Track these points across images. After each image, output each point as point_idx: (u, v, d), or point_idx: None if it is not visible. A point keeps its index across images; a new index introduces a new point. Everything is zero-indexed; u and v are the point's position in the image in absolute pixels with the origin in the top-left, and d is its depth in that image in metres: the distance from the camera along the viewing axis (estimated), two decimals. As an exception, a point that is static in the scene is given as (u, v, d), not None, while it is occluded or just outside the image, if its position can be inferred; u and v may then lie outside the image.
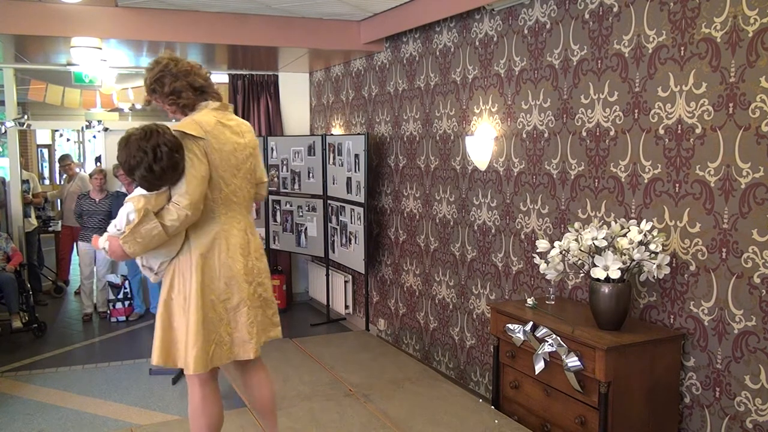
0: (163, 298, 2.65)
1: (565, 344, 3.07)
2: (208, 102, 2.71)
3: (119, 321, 6.97)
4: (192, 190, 2.49)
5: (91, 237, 6.82)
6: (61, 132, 14.67)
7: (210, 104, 2.70)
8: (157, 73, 2.63)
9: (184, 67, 2.66)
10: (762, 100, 2.68)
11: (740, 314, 2.82)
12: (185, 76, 2.64)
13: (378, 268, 6.14)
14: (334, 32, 5.67)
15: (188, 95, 2.65)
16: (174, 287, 2.63)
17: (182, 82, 2.63)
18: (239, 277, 2.65)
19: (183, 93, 2.64)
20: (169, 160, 2.45)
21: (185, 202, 2.48)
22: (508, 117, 4.25)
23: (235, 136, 2.70)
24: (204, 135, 2.56)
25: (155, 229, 2.45)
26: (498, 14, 4.31)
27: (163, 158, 2.43)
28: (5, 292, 6.16)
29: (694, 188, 3.00)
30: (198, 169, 2.52)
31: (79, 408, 4.71)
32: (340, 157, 6.08)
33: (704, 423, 3.00)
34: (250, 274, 2.70)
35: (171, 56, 2.68)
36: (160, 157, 2.43)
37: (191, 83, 2.66)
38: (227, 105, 2.77)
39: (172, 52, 2.76)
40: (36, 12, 4.84)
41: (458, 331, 4.91)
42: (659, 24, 3.14)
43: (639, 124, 3.28)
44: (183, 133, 2.54)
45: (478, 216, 4.60)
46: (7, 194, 7.19)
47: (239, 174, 2.69)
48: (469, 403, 3.77)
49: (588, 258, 3.07)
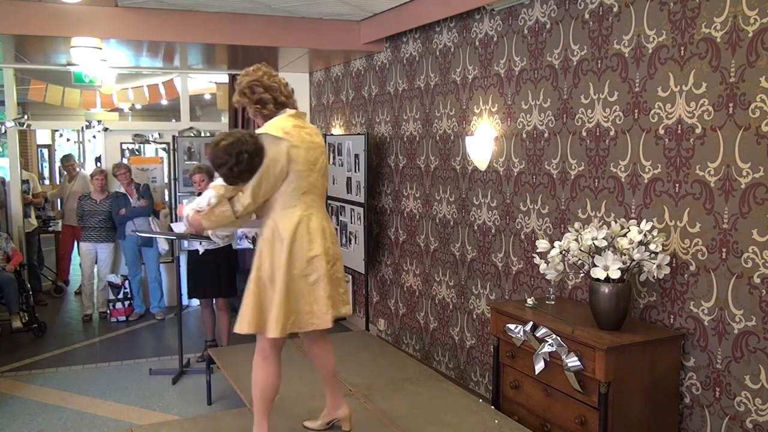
0: (253, 276, 3.04)
1: (565, 344, 3.07)
2: (286, 109, 3.11)
3: (119, 321, 6.97)
4: (257, 186, 2.94)
5: (90, 237, 6.90)
6: (61, 132, 14.66)
7: (288, 111, 3.10)
8: (250, 81, 3.04)
9: (274, 81, 3.09)
10: (762, 100, 2.68)
11: (740, 314, 2.82)
12: (273, 91, 3.06)
13: (378, 268, 6.14)
14: (334, 32, 5.67)
15: (270, 108, 3.07)
16: (263, 265, 3.02)
17: (269, 95, 3.05)
18: (319, 257, 3.02)
19: (267, 104, 3.06)
20: (248, 164, 2.91)
21: (249, 197, 2.95)
22: (508, 117, 4.25)
23: (309, 137, 3.09)
24: (284, 136, 2.94)
25: (227, 212, 3.00)
26: (498, 14, 4.31)
27: (244, 162, 2.89)
28: (5, 292, 6.16)
29: (694, 188, 3.00)
30: (272, 170, 2.94)
31: (79, 408, 4.71)
32: (340, 157, 6.08)
33: (704, 423, 3.00)
34: (327, 254, 3.07)
35: (268, 70, 3.09)
36: (241, 161, 2.89)
37: (275, 98, 3.08)
38: (303, 113, 3.19)
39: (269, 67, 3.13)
40: (36, 12, 4.84)
41: (458, 331, 4.91)
42: (659, 24, 3.14)
43: (639, 124, 3.28)
44: (267, 134, 2.95)
45: (478, 216, 4.61)
46: (7, 194, 7.19)
47: (315, 169, 3.07)
48: (469, 403, 3.77)
49: (588, 258, 3.07)
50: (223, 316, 5.55)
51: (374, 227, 6.14)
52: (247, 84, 3.04)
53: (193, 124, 7.60)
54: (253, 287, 3.05)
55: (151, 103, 8.58)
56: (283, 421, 3.50)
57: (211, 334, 5.62)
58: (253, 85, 3.03)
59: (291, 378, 4.20)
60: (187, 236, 5.12)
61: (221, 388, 4.84)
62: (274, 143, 2.94)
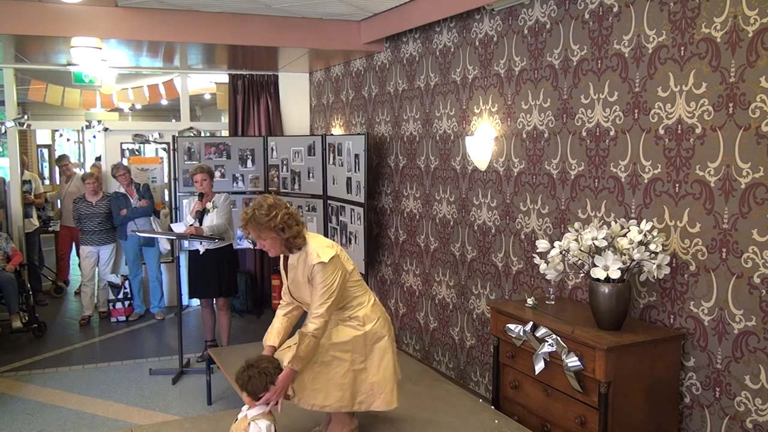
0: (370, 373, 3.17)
1: (565, 344, 3.07)
2: (303, 229, 3.13)
3: (119, 321, 6.97)
4: (332, 306, 3.03)
5: (92, 240, 6.88)
6: (61, 132, 14.66)
7: (304, 230, 3.12)
8: (284, 215, 2.99)
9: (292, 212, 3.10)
10: (762, 100, 2.68)
11: (740, 314, 2.82)
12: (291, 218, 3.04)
13: (378, 268, 6.14)
14: (334, 32, 5.67)
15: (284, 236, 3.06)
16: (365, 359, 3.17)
17: (293, 221, 3.04)
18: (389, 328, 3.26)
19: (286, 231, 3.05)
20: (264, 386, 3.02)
21: (326, 315, 3.02)
22: (508, 117, 4.25)
23: None
24: (333, 250, 3.04)
25: (311, 342, 3.01)
26: (498, 14, 4.31)
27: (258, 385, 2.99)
28: (5, 292, 6.16)
29: (694, 188, 3.00)
30: (339, 281, 3.02)
31: (79, 408, 4.71)
32: (340, 157, 6.07)
33: (704, 423, 3.00)
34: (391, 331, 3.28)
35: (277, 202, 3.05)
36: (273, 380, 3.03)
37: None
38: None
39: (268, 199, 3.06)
40: (36, 12, 4.84)
41: (458, 331, 4.91)
42: (659, 24, 3.14)
43: (639, 124, 3.28)
44: (325, 263, 2.98)
45: (478, 216, 4.61)
46: (8, 194, 7.18)
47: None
48: (469, 403, 3.77)
49: (588, 258, 3.07)
50: (223, 316, 5.54)
51: (374, 227, 6.14)
52: (282, 219, 2.97)
53: (193, 124, 7.60)
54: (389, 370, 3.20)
55: (151, 103, 8.57)
56: (282, 421, 3.50)
57: (211, 334, 5.62)
58: (289, 219, 3.01)
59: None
60: (187, 236, 5.12)
61: (221, 388, 4.84)
62: (335, 261, 3.01)
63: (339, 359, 3.11)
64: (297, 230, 3.02)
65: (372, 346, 3.16)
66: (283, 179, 6.80)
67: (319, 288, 2.99)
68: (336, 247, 3.12)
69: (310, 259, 3.01)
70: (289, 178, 6.76)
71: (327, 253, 3.01)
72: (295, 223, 3.02)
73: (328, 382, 3.10)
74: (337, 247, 3.13)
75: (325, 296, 2.99)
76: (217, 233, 5.22)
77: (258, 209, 2.96)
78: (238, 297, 7.12)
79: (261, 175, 6.85)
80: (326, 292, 2.99)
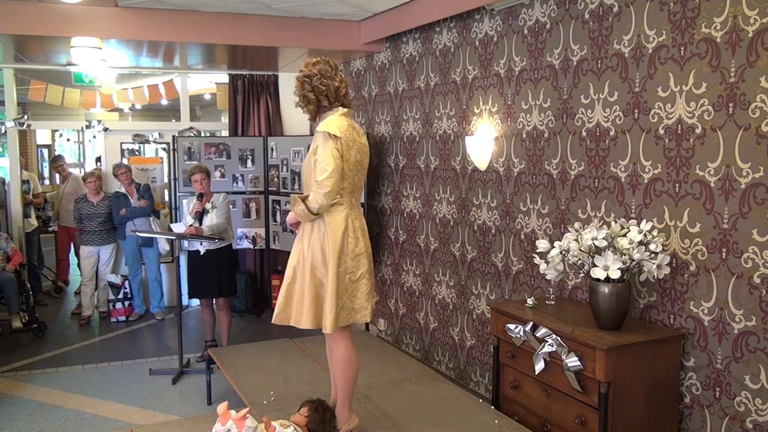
0: (305, 270, 3.12)
1: (565, 344, 3.07)
2: (339, 108, 3.17)
3: (119, 321, 6.97)
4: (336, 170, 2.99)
5: (92, 240, 6.88)
6: (61, 132, 14.66)
7: (341, 109, 3.16)
8: (303, 76, 3.13)
9: (323, 85, 3.13)
10: (762, 100, 2.68)
11: (740, 314, 2.82)
12: (319, 93, 3.13)
13: (378, 268, 6.14)
14: (334, 32, 5.67)
15: (311, 108, 3.17)
16: (315, 261, 3.10)
17: (314, 96, 3.13)
18: (363, 254, 3.15)
19: (309, 105, 3.16)
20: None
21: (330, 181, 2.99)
22: (508, 117, 4.25)
23: (359, 137, 3.17)
24: (341, 135, 3.02)
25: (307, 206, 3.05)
26: (498, 14, 4.31)
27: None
28: (5, 292, 6.16)
29: (694, 188, 3.00)
30: (337, 161, 2.99)
31: (79, 408, 4.71)
32: (340, 157, 6.07)
33: (704, 423, 3.00)
34: (368, 252, 3.19)
35: (323, 70, 3.15)
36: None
37: (319, 101, 3.15)
38: (351, 112, 3.26)
39: (328, 64, 3.18)
40: (36, 12, 4.84)
41: (458, 331, 4.91)
42: (659, 24, 3.14)
43: (639, 124, 3.28)
44: (326, 132, 3.00)
45: (478, 216, 4.61)
46: (7, 194, 7.18)
47: (360, 169, 3.17)
48: (469, 403, 3.77)
49: (588, 258, 3.07)
50: (223, 316, 5.54)
51: (374, 227, 6.14)
52: (299, 78, 3.15)
53: (193, 124, 7.60)
54: (308, 282, 3.11)
55: (151, 103, 8.57)
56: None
57: (211, 334, 5.62)
58: (304, 81, 3.14)
59: (291, 378, 4.20)
60: (187, 236, 5.12)
61: (221, 388, 4.84)
62: (333, 141, 3.01)
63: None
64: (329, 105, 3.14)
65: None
66: (283, 179, 6.80)
67: (319, 158, 3.01)
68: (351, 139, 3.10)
69: (319, 127, 3.07)
70: (289, 178, 6.76)
71: (335, 129, 3.03)
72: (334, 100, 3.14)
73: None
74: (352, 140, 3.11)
75: (322, 167, 2.99)
76: (216, 233, 5.22)
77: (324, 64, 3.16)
78: (238, 297, 7.12)
79: (261, 175, 6.85)
80: (323, 163, 2.99)
